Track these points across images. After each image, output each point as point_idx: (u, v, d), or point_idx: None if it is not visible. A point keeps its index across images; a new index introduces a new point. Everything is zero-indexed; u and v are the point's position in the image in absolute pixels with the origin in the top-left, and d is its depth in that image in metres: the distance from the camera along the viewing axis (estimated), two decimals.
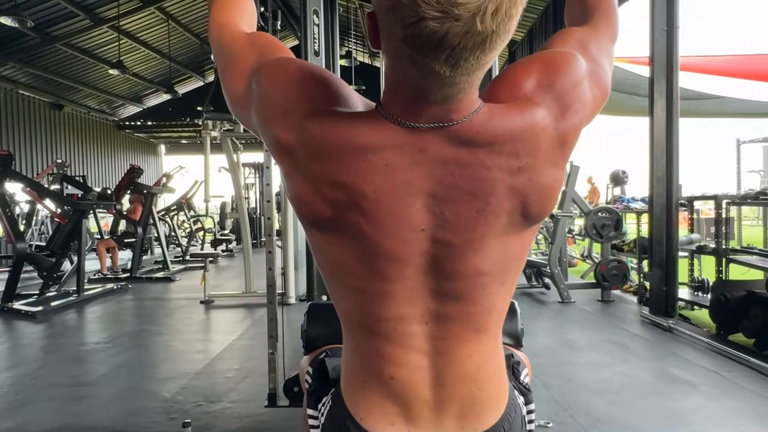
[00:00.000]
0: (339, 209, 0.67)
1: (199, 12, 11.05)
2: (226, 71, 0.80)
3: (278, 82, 0.70)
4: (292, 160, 0.68)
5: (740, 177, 12.76)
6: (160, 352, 3.82)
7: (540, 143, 0.67)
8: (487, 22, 0.51)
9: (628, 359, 3.40)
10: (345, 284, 0.74)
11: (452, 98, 0.61)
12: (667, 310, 4.40)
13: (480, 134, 0.64)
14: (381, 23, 0.57)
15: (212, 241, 9.81)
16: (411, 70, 0.58)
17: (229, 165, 5.77)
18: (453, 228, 0.67)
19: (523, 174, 0.66)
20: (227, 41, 0.83)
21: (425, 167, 0.65)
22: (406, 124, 0.64)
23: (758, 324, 3.54)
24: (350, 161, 0.64)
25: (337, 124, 0.66)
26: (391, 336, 0.73)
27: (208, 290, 5.56)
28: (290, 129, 0.67)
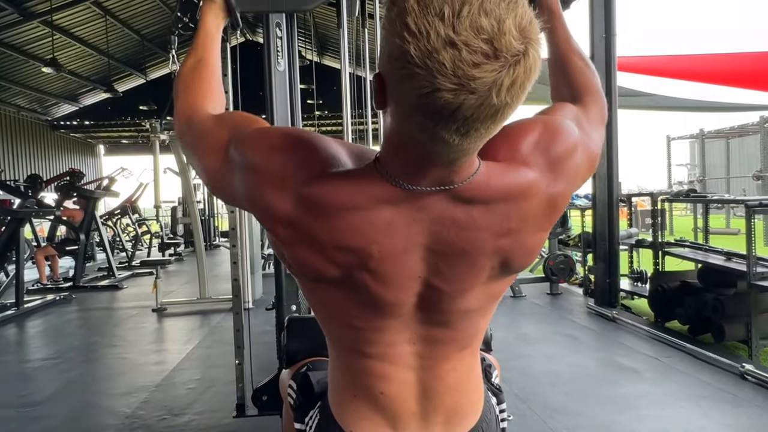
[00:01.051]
0: (346, 269, 0.68)
1: (138, 8, 10.61)
2: (197, 149, 0.80)
3: (265, 153, 0.68)
4: (291, 230, 0.68)
5: (671, 170, 13.64)
6: (114, 365, 3.70)
7: (530, 207, 0.69)
8: (503, 95, 0.51)
9: (577, 350, 3.61)
10: (339, 322, 0.77)
11: (456, 162, 0.61)
12: (611, 300, 4.68)
13: (478, 194, 0.66)
14: (391, 87, 0.57)
15: (160, 245, 9.48)
16: (419, 135, 0.58)
17: (178, 168, 5.63)
18: (445, 278, 0.71)
19: (511, 236, 0.69)
20: (196, 123, 0.82)
21: (424, 224, 0.67)
22: (408, 186, 0.64)
23: (691, 312, 3.85)
24: (354, 224, 0.65)
25: (337, 187, 0.66)
26: (381, 357, 0.77)
27: (160, 298, 5.41)
28: (287, 199, 0.66)
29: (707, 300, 3.68)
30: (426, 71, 0.49)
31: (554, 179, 0.71)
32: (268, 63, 2.09)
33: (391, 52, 0.53)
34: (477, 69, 0.48)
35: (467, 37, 0.48)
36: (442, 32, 0.48)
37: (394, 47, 0.52)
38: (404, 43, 0.50)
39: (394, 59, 0.53)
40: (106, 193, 8.39)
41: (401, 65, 0.51)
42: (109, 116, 14.25)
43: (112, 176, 9.17)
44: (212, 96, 0.90)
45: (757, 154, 12.51)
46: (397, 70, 0.53)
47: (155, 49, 12.44)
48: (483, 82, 0.49)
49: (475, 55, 0.48)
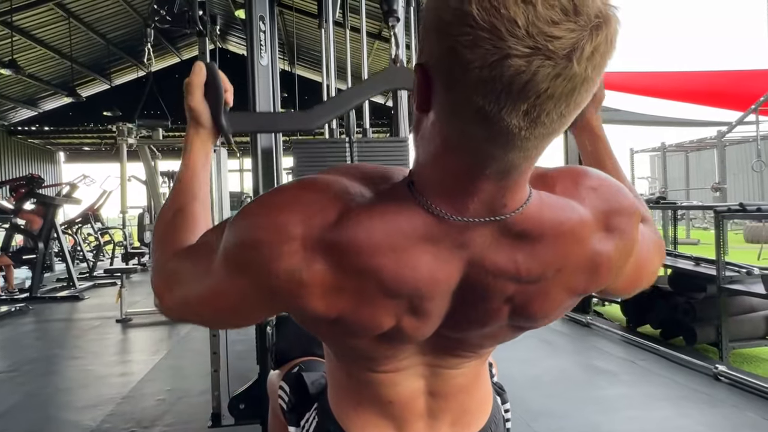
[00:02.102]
0: (399, 316, 0.60)
1: (104, 11, 10.34)
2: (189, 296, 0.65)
3: (263, 221, 0.57)
4: (334, 296, 0.56)
5: (634, 183, 14.08)
6: (77, 377, 3.50)
7: (574, 253, 0.60)
8: (583, 64, 0.42)
9: (555, 354, 3.63)
10: (355, 356, 0.70)
11: (513, 173, 0.51)
12: (584, 306, 4.74)
13: (531, 227, 0.57)
14: (440, 73, 0.47)
15: (124, 255, 9.15)
16: (476, 129, 0.47)
17: (146, 174, 5.45)
18: (466, 320, 0.65)
19: (540, 284, 0.60)
20: (176, 264, 0.69)
21: (461, 263, 0.58)
22: (451, 217, 0.54)
23: (663, 316, 3.93)
24: (399, 269, 0.55)
25: (370, 226, 0.55)
26: (390, 371, 0.72)
27: (124, 308, 5.19)
28: (314, 258, 0.55)
29: (678, 304, 3.76)
30: (492, 34, 0.41)
31: (605, 236, 0.61)
32: (251, 57, 2.04)
33: (442, 23, 0.44)
34: (555, 27, 0.40)
35: (544, 17, 0.40)
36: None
37: (447, 13, 0.43)
38: (462, 3, 0.42)
39: (447, 29, 0.44)
40: (67, 200, 8.06)
41: (458, 32, 0.42)
42: (71, 122, 13.75)
43: (74, 183, 8.82)
44: (192, 232, 0.74)
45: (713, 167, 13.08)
46: (455, 41, 0.43)
47: (121, 54, 12.12)
48: (561, 45, 0.41)
49: (553, 11, 0.40)
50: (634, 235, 0.65)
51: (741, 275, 3.45)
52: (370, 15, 2.67)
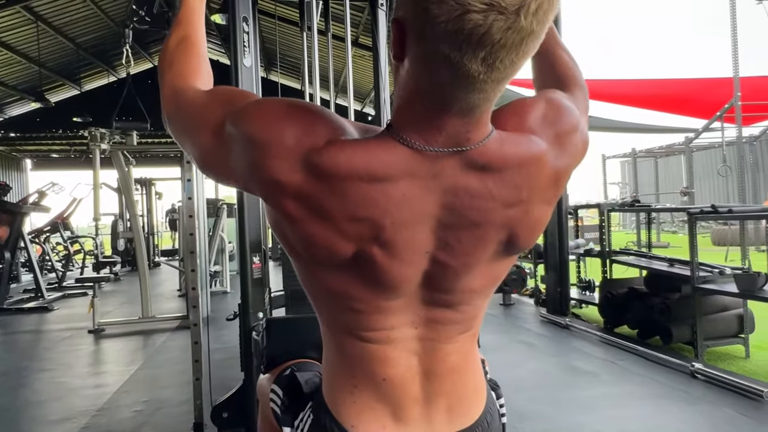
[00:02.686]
0: (359, 243, 0.64)
1: (74, 14, 10.10)
2: (189, 130, 0.76)
3: (269, 124, 0.64)
4: (301, 203, 0.63)
5: (606, 188, 14.42)
6: (48, 390, 3.38)
7: (540, 176, 0.69)
8: (529, 18, 0.51)
9: (536, 356, 3.66)
10: (341, 306, 0.73)
11: (475, 109, 0.60)
12: (562, 309, 4.81)
13: (493, 160, 0.65)
14: (412, 26, 0.56)
15: (95, 264, 8.90)
16: (442, 74, 0.56)
17: (120, 180, 5.32)
18: (453, 252, 0.69)
19: (521, 206, 0.68)
20: (186, 102, 0.78)
21: (437, 194, 0.65)
22: (423, 147, 0.62)
23: (639, 316, 4.01)
24: (369, 194, 0.62)
25: (351, 154, 0.62)
26: (382, 341, 0.73)
27: (97, 318, 5.04)
28: (295, 169, 0.62)
29: (654, 304, 3.85)
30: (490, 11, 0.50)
31: (560, 153, 0.71)
32: (234, 59, 2.01)
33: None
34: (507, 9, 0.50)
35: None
36: None
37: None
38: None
39: None
40: (35, 208, 7.82)
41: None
42: (39, 128, 13.36)
43: (42, 191, 8.55)
44: (200, 73, 0.84)
45: (681, 172, 13.47)
46: (423, 0, 0.53)
47: (91, 59, 11.85)
48: (512, 2, 0.50)
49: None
50: (583, 141, 0.76)
51: (714, 275, 3.55)
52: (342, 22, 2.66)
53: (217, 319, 5.04)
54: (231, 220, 8.64)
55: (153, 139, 12.26)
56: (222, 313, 5.28)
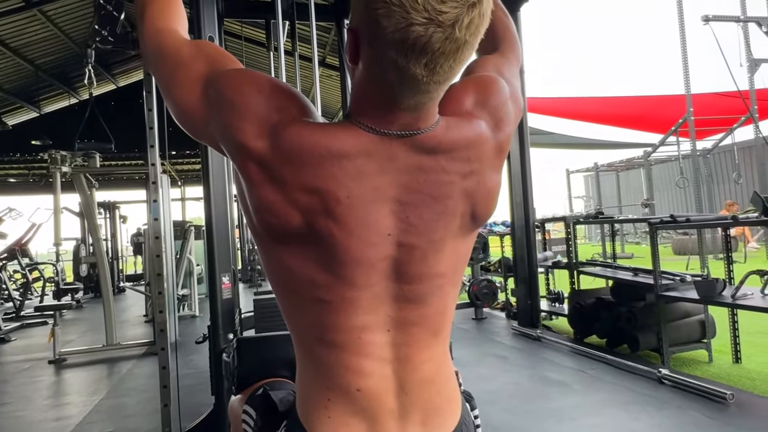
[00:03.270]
0: (310, 216, 0.68)
1: (33, 36, 9.87)
2: (172, 80, 0.79)
3: (247, 92, 0.70)
4: (261, 168, 0.68)
5: (571, 201, 14.79)
6: (6, 426, 3.21)
7: (485, 151, 0.76)
8: (463, 31, 0.59)
9: (509, 369, 3.69)
10: (306, 296, 0.73)
11: (422, 107, 0.67)
12: (533, 321, 4.87)
13: (441, 143, 0.71)
14: (365, 34, 0.63)
15: (55, 291, 8.57)
16: (391, 77, 0.63)
17: (83, 204, 5.17)
18: (417, 231, 0.71)
19: (474, 177, 0.74)
20: (170, 48, 0.80)
21: (393, 174, 0.70)
22: (379, 131, 0.68)
23: (608, 325, 4.10)
24: (325, 167, 0.67)
25: (313, 132, 0.68)
26: (355, 347, 0.73)
27: (58, 347, 4.84)
28: (262, 137, 0.68)
29: (621, 313, 3.94)
30: (401, 8, 0.57)
31: (497, 127, 0.78)
32: None
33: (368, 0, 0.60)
34: (443, 5, 0.57)
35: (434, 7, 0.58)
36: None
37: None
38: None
39: (370, 3, 0.59)
40: None
41: (378, 6, 0.58)
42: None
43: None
44: (180, 15, 0.88)
45: (641, 185, 13.94)
46: (375, 13, 0.59)
47: (51, 80, 11.56)
48: (448, 17, 0.58)
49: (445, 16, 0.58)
50: (512, 105, 0.83)
51: (676, 283, 3.67)
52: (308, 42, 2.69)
53: (186, 344, 4.91)
54: (199, 242, 8.47)
55: (117, 161, 12.00)
56: (191, 337, 5.14)
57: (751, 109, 8.32)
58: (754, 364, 3.72)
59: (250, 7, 3.06)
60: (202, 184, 2.35)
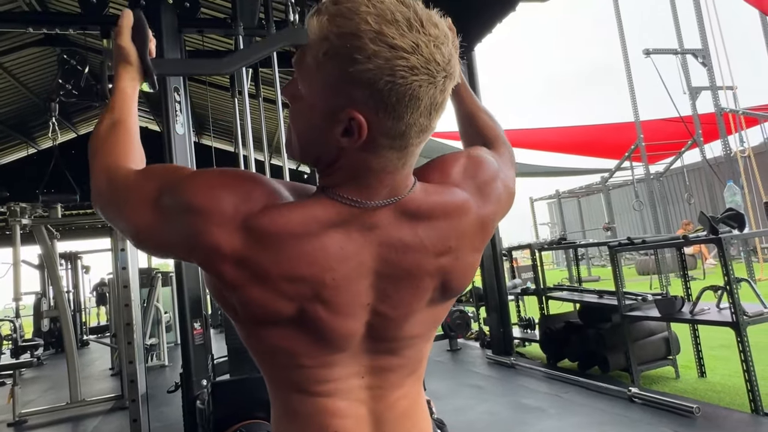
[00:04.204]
0: (300, 302, 0.67)
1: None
2: (122, 206, 0.75)
3: (205, 193, 0.67)
4: (240, 268, 0.65)
5: (537, 228, 15.13)
6: None
7: (466, 225, 0.74)
8: (446, 93, 0.64)
9: (486, 399, 3.71)
10: (288, 364, 0.74)
11: (405, 166, 0.68)
12: (507, 349, 4.93)
13: (421, 207, 0.70)
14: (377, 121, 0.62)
15: (12, 350, 8.16)
16: (390, 155, 0.65)
17: (44, 255, 5.03)
18: (392, 303, 0.72)
19: (451, 254, 0.73)
20: (118, 180, 0.78)
21: (374, 246, 0.69)
22: (362, 203, 0.67)
23: (577, 348, 4.19)
24: (307, 252, 0.65)
25: (287, 215, 0.65)
26: (330, 394, 0.74)
27: (18, 408, 4.61)
28: (234, 235, 0.65)
29: (590, 335, 4.04)
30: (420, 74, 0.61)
31: (483, 202, 0.77)
32: (167, 127, 2.05)
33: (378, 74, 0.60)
34: (440, 73, 0.62)
35: (430, 60, 0.61)
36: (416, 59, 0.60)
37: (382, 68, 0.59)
38: (397, 58, 0.59)
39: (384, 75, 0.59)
40: None
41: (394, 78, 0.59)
42: None
43: None
44: (133, 154, 0.85)
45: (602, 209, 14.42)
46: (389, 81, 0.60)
47: (8, 131, 11.32)
48: (441, 78, 0.62)
49: (438, 66, 0.62)
50: (503, 190, 0.83)
51: (638, 302, 3.81)
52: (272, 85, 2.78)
53: (156, 395, 4.74)
54: (166, 289, 8.27)
55: (79, 210, 11.71)
56: (161, 389, 4.97)
57: (695, 134, 8.83)
58: (718, 377, 3.85)
59: (213, 56, 3.13)
60: None
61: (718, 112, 8.35)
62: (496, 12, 4.40)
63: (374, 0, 0.61)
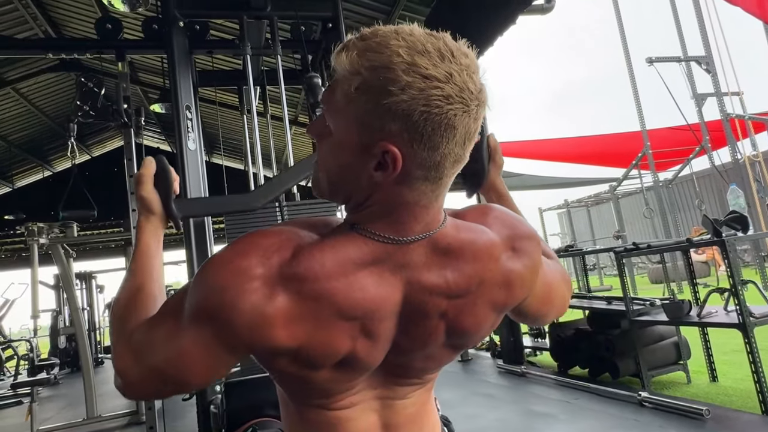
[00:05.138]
0: (353, 340, 0.66)
1: (6, 113, 9.99)
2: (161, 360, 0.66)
3: (225, 273, 0.62)
4: (295, 326, 0.62)
5: (547, 239, 15.09)
6: None
7: (491, 270, 0.71)
8: (479, 121, 0.64)
9: (496, 406, 3.72)
10: (311, 390, 0.73)
11: (438, 198, 0.66)
12: (517, 358, 4.93)
13: (452, 244, 0.68)
14: (411, 135, 0.60)
15: (30, 369, 8.27)
16: (424, 186, 0.64)
17: (60, 275, 5.15)
18: (410, 337, 0.72)
19: (468, 297, 0.70)
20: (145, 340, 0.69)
21: (403, 284, 0.67)
22: (397, 240, 0.65)
23: (587, 355, 4.19)
24: (351, 292, 0.64)
25: (321, 256, 0.63)
26: (344, 407, 0.76)
27: (35, 425, 4.68)
28: (275, 291, 0.61)
29: (599, 342, 4.05)
30: (455, 103, 0.60)
31: (512, 255, 0.73)
32: (179, 144, 2.14)
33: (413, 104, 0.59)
34: (473, 101, 0.61)
35: (464, 88, 0.61)
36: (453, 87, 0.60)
37: (416, 98, 0.59)
38: (431, 88, 0.59)
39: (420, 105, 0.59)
40: None
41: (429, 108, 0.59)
42: None
43: None
44: (147, 307, 0.78)
45: (612, 218, 14.37)
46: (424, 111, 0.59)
47: (25, 155, 11.61)
48: (474, 106, 0.62)
49: (471, 95, 0.61)
50: (537, 256, 0.78)
51: (647, 307, 3.81)
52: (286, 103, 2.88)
53: (171, 410, 4.80)
54: None
55: (93, 231, 11.92)
56: (175, 404, 5.04)
57: (703, 141, 8.82)
58: (730, 381, 3.83)
59: (223, 77, 3.25)
60: (184, 247, 2.43)
61: (725, 118, 8.34)
62: (497, 25, 4.49)
63: (403, 33, 0.61)
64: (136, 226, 0.89)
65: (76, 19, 7.28)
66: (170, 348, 0.65)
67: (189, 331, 0.64)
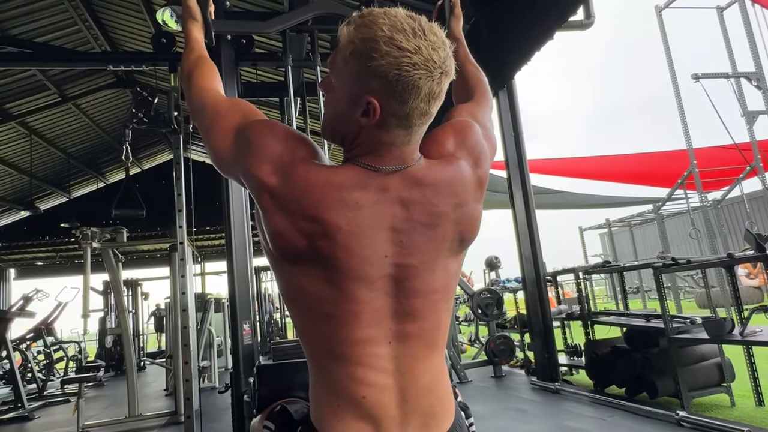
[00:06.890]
0: (313, 240, 0.81)
1: (67, 127, 10.65)
2: (212, 127, 0.96)
3: (266, 138, 0.86)
4: (273, 199, 0.83)
5: (587, 259, 14.72)
6: None
7: (467, 185, 0.91)
8: (442, 85, 0.82)
9: (528, 420, 3.67)
10: (317, 311, 0.85)
11: (410, 142, 0.86)
12: (552, 375, 4.84)
13: (425, 177, 0.87)
14: (387, 89, 0.80)
15: (77, 370, 8.67)
16: (398, 132, 0.84)
17: (110, 279, 5.41)
18: (410, 252, 0.85)
19: (460, 208, 0.89)
20: (211, 102, 1.01)
21: (386, 204, 0.84)
22: (375, 167, 0.85)
23: (624, 373, 4.07)
24: (326, 200, 0.81)
25: (318, 170, 0.84)
26: (360, 359, 0.84)
27: (81, 421, 4.90)
28: (275, 174, 0.83)
29: (637, 360, 3.94)
30: (420, 69, 0.80)
31: (476, 164, 0.94)
32: None
33: (388, 68, 0.78)
34: (436, 70, 0.81)
35: (429, 59, 0.80)
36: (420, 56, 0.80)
37: (392, 64, 0.78)
38: (403, 57, 0.78)
39: (393, 69, 0.78)
40: (20, 313, 7.75)
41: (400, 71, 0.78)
42: (25, 237, 13.47)
43: (28, 296, 8.51)
44: (215, 76, 1.09)
45: (657, 240, 13.92)
46: (396, 73, 0.79)
47: (81, 167, 12.30)
48: (439, 71, 0.81)
49: (435, 64, 0.81)
50: (485, 142, 0.99)
51: (686, 325, 3.70)
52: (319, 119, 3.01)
53: (208, 412, 4.94)
54: (218, 314, 8.62)
55: (139, 240, 12.43)
56: (211, 408, 5.20)
57: (754, 161, 8.49)
58: None
59: (265, 88, 3.42)
60: (225, 258, 2.55)
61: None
62: (534, 41, 4.53)
63: (389, 14, 0.81)
64: (184, 28, 1.19)
65: (132, 37, 7.75)
66: (220, 136, 0.93)
67: (232, 140, 0.91)
